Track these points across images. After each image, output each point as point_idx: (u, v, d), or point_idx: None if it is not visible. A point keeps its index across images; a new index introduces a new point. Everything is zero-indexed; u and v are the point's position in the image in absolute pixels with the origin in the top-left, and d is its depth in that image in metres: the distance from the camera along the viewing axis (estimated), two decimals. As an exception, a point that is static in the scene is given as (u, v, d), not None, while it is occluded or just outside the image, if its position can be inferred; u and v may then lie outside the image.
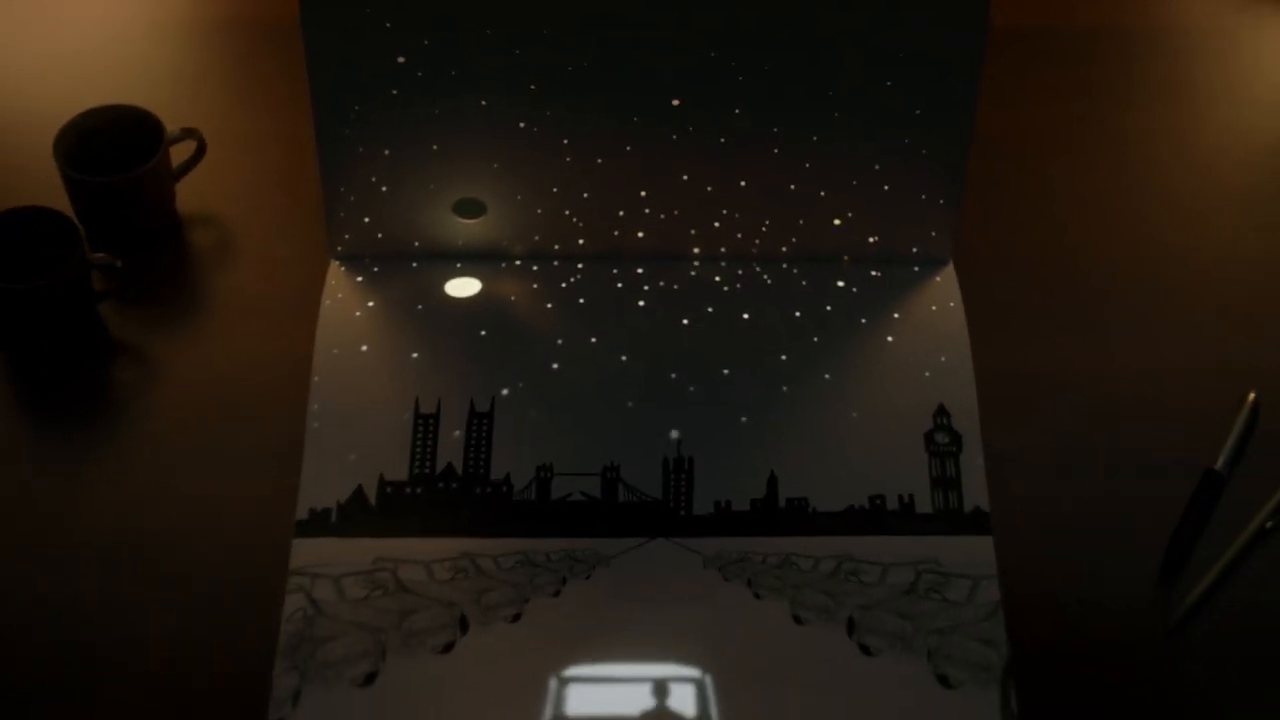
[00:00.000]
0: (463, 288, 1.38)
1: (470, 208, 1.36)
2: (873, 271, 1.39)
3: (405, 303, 1.37)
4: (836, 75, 1.28)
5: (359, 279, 1.38)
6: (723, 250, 1.39)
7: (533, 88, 1.27)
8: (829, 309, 1.37)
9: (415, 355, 1.34)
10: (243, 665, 1.19)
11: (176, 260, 1.43)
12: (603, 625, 1.21)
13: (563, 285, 1.38)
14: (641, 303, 1.37)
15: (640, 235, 1.38)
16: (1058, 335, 1.40)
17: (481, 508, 1.27)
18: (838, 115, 1.29)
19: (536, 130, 1.30)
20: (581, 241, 1.38)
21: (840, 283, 1.39)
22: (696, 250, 1.39)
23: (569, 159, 1.32)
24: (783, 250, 1.39)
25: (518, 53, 1.25)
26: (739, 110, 1.29)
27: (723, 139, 1.31)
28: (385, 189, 1.34)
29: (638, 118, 1.29)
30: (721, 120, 1.30)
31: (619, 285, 1.38)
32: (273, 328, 1.37)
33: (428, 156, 1.32)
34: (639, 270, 1.39)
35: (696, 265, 1.40)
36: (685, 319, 1.36)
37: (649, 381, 1.34)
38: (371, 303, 1.36)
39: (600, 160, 1.32)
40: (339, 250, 1.39)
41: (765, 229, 1.37)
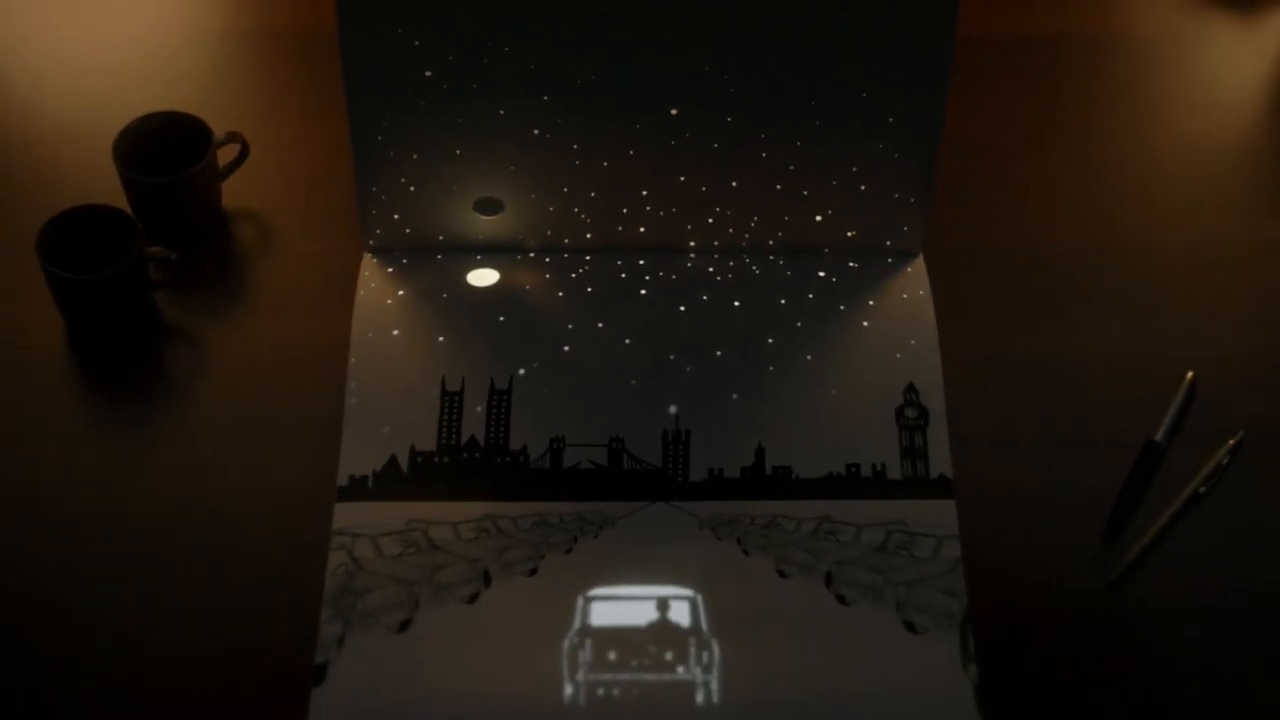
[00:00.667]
0: (483, 278, 1.39)
1: (489, 205, 1.37)
2: (850, 263, 1.39)
3: (432, 292, 1.37)
4: (817, 86, 1.29)
5: (390, 270, 1.38)
6: (716, 244, 1.40)
7: (545, 98, 1.28)
8: (811, 297, 1.38)
9: (441, 339, 1.35)
10: (292, 614, 1.22)
11: (223, 253, 1.43)
12: (609, 578, 1.23)
13: (572, 276, 1.39)
14: (643, 291, 1.38)
15: (642, 230, 1.38)
16: (1017, 321, 1.41)
17: (502, 475, 1.29)
18: (819, 122, 1.30)
19: (549, 136, 1.31)
20: (589, 236, 1.39)
21: (821, 273, 1.39)
22: (692, 244, 1.40)
23: (578, 162, 1.33)
24: (770, 244, 1.40)
25: (532, 67, 1.26)
26: (730, 118, 1.30)
27: (716, 143, 1.32)
28: (413, 189, 1.35)
29: (639, 125, 1.30)
30: (715, 127, 1.31)
31: (623, 275, 1.39)
32: (312, 314, 1.38)
33: (451, 159, 1.32)
34: (641, 262, 1.39)
35: (692, 257, 1.40)
36: (682, 306, 1.37)
37: (650, 362, 1.35)
38: (401, 292, 1.37)
39: (606, 163, 1.33)
40: (371, 244, 1.39)
41: (754, 224, 1.38)
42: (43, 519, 1.28)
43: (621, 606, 1.22)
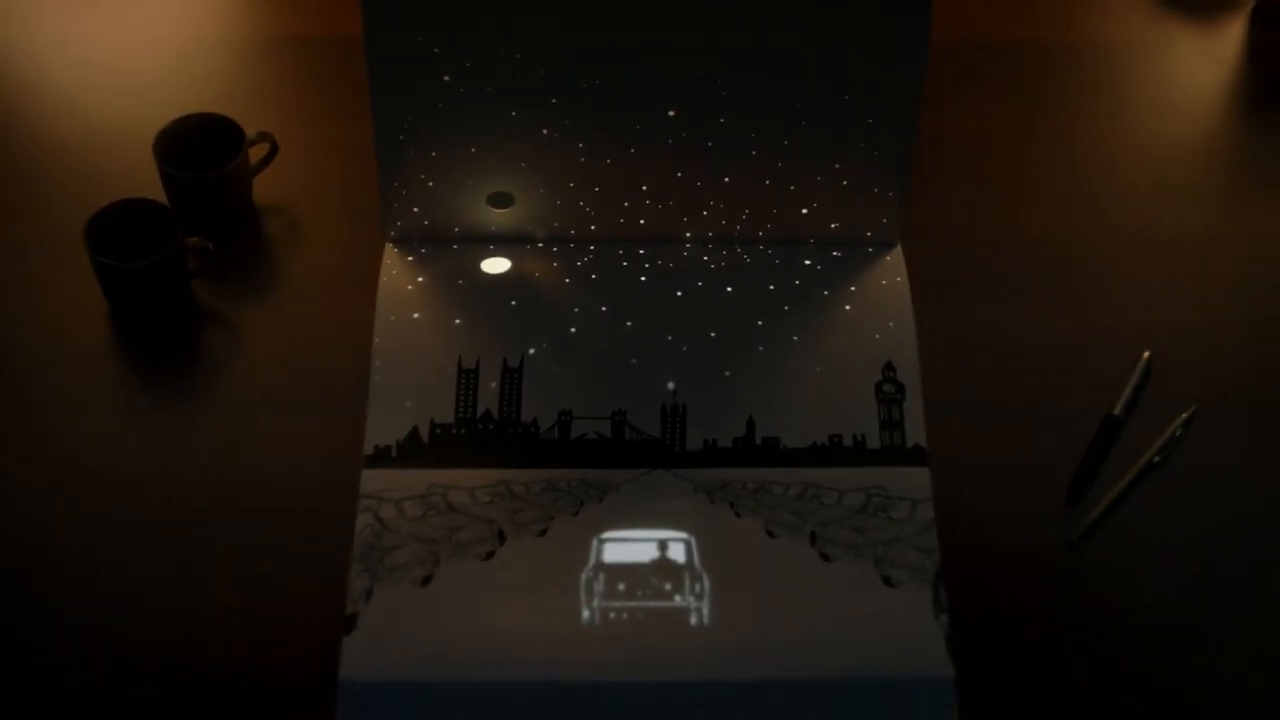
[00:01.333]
0: (496, 266, 1.42)
1: (501, 199, 1.39)
2: (834, 252, 1.42)
3: (449, 278, 1.40)
4: (803, 91, 1.31)
5: (410, 259, 1.41)
6: (710, 235, 1.43)
7: (553, 100, 1.31)
8: (797, 283, 1.41)
9: (458, 321, 1.38)
10: (325, 570, 1.26)
11: (254, 244, 1.47)
12: (613, 537, 1.27)
13: (578, 264, 1.42)
14: (643, 278, 1.41)
15: (642, 222, 1.41)
16: (988, 305, 1.44)
17: (514, 445, 1.32)
18: (804, 123, 1.33)
19: (556, 136, 1.33)
20: (593, 228, 1.42)
21: (807, 261, 1.42)
22: (688, 235, 1.43)
23: (583, 159, 1.35)
24: (759, 235, 1.42)
25: (541, 72, 1.29)
26: (723, 119, 1.32)
27: (710, 142, 1.34)
28: (431, 184, 1.37)
29: (639, 125, 1.33)
30: (709, 127, 1.33)
31: (625, 264, 1.42)
32: (337, 300, 1.42)
33: (467, 157, 1.35)
34: (641, 251, 1.43)
35: (688, 247, 1.43)
36: (679, 292, 1.41)
37: (649, 343, 1.38)
38: (421, 278, 1.40)
39: (608, 160, 1.36)
40: (392, 235, 1.42)
41: (745, 217, 1.41)
42: (90, 486, 1.31)
43: (629, 548, 1.26)
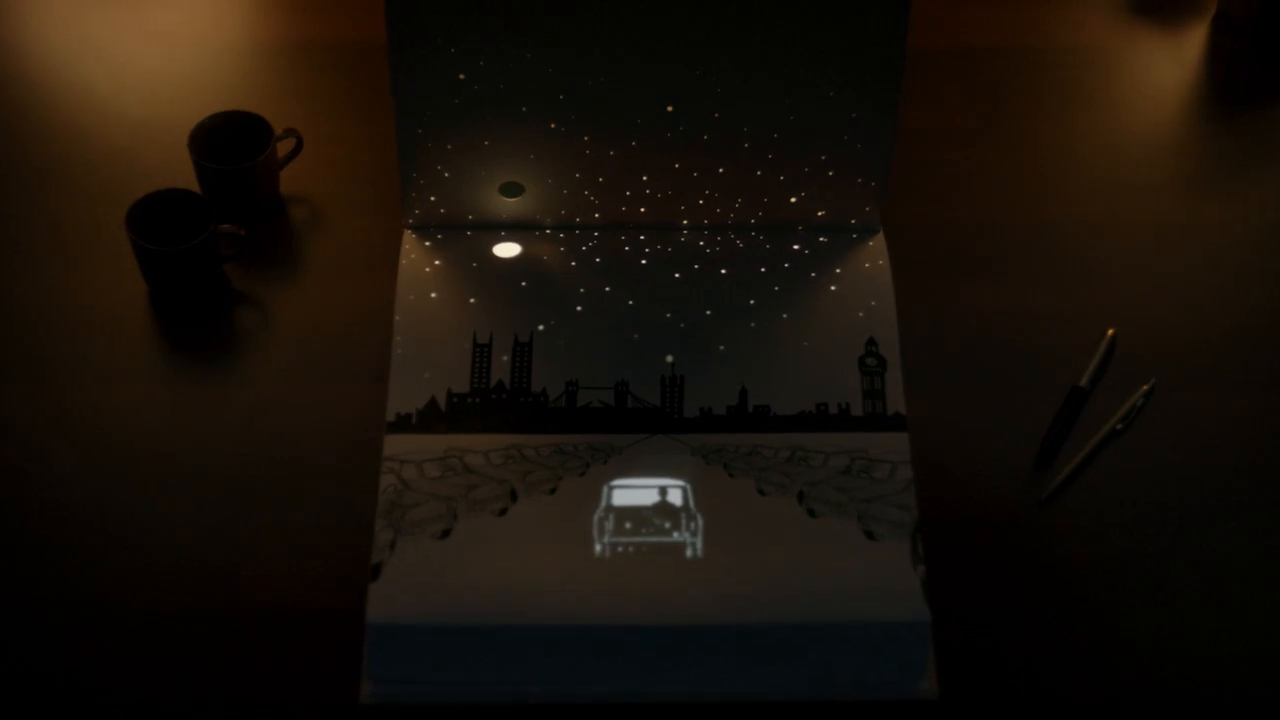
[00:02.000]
0: (507, 250, 1.45)
1: (512, 189, 1.43)
2: (820, 238, 1.46)
3: (463, 261, 1.43)
4: (791, 88, 1.35)
5: (427, 244, 1.44)
6: (705, 221, 1.46)
7: (561, 97, 1.35)
8: (786, 266, 1.44)
9: (472, 300, 1.41)
10: (351, 525, 1.31)
11: (282, 231, 1.51)
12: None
13: (583, 248, 1.45)
14: (643, 261, 1.44)
15: (642, 210, 1.45)
16: (962, 285, 1.48)
17: (525, 412, 1.35)
18: (793, 118, 1.37)
19: (564, 130, 1.37)
20: (597, 215, 1.45)
21: (795, 246, 1.45)
22: (685, 222, 1.46)
23: (587, 151, 1.39)
24: (751, 221, 1.46)
25: (550, 71, 1.33)
26: (717, 114, 1.36)
27: (705, 135, 1.38)
28: (448, 175, 1.41)
29: (640, 120, 1.37)
30: (704, 121, 1.37)
31: (626, 248, 1.45)
32: (358, 282, 1.46)
33: (480, 150, 1.39)
34: (641, 237, 1.46)
35: (685, 233, 1.46)
36: (677, 274, 1.44)
37: (650, 320, 1.41)
38: (438, 261, 1.43)
39: (612, 152, 1.39)
40: (410, 222, 1.46)
41: (738, 205, 1.44)
42: (133, 451, 1.36)
43: (634, 494, 1.30)
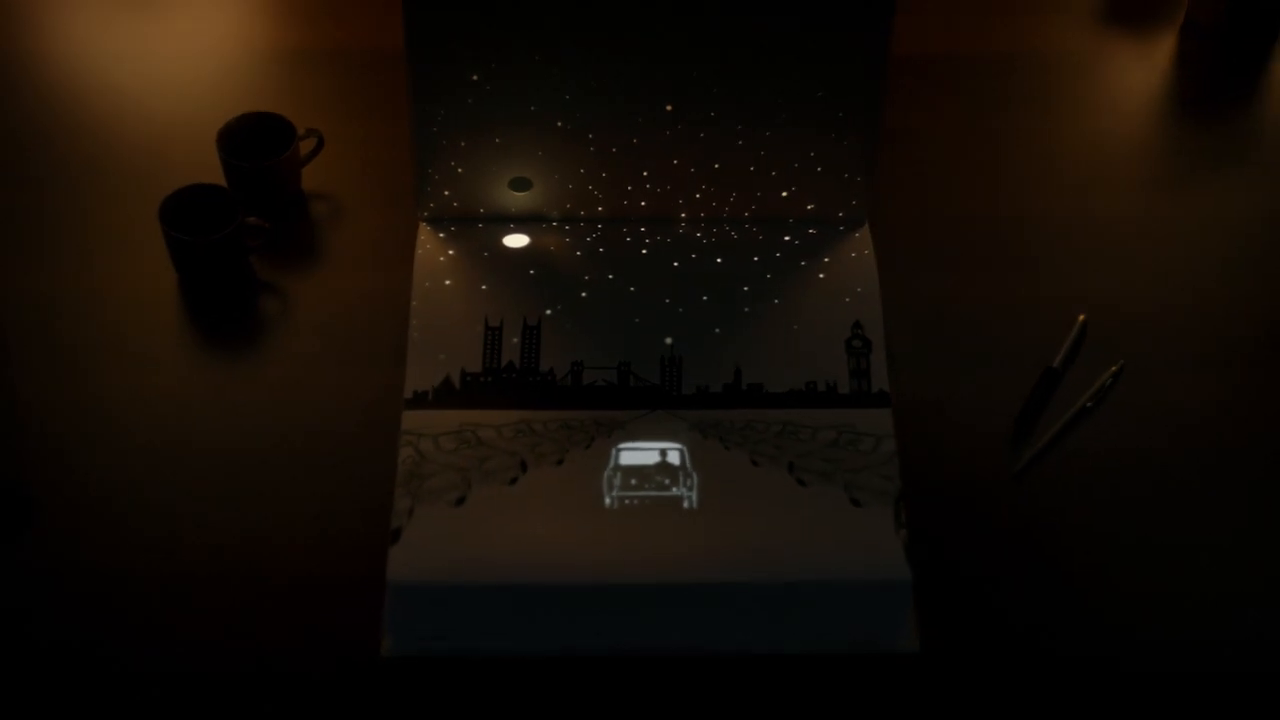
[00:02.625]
0: (516, 241, 1.49)
1: (521, 184, 1.46)
2: (810, 230, 1.50)
3: (475, 251, 1.47)
4: (783, 89, 1.38)
5: (441, 235, 1.48)
6: (702, 214, 1.49)
7: (567, 97, 1.38)
8: (778, 256, 1.48)
9: (484, 287, 1.45)
10: (372, 494, 1.36)
11: (304, 224, 1.56)
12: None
13: (587, 239, 1.49)
14: (644, 251, 1.48)
15: (643, 203, 1.48)
16: (942, 273, 1.53)
17: (534, 390, 1.39)
18: (784, 117, 1.40)
19: (570, 128, 1.41)
20: (601, 208, 1.49)
21: (786, 237, 1.49)
22: (683, 214, 1.50)
23: (592, 149, 1.42)
24: (745, 214, 1.49)
25: (556, 72, 1.36)
26: (713, 113, 1.40)
27: (702, 133, 1.41)
28: (460, 170, 1.44)
29: (641, 119, 1.40)
30: (701, 120, 1.40)
31: (628, 239, 1.49)
32: (376, 271, 1.51)
33: (491, 147, 1.42)
34: (642, 229, 1.49)
35: (683, 225, 1.50)
36: (675, 262, 1.48)
37: (650, 305, 1.45)
38: (451, 251, 1.47)
39: (614, 149, 1.42)
40: (425, 215, 1.49)
41: (733, 198, 1.48)
42: (165, 432, 1.41)
43: (638, 455, 1.35)
